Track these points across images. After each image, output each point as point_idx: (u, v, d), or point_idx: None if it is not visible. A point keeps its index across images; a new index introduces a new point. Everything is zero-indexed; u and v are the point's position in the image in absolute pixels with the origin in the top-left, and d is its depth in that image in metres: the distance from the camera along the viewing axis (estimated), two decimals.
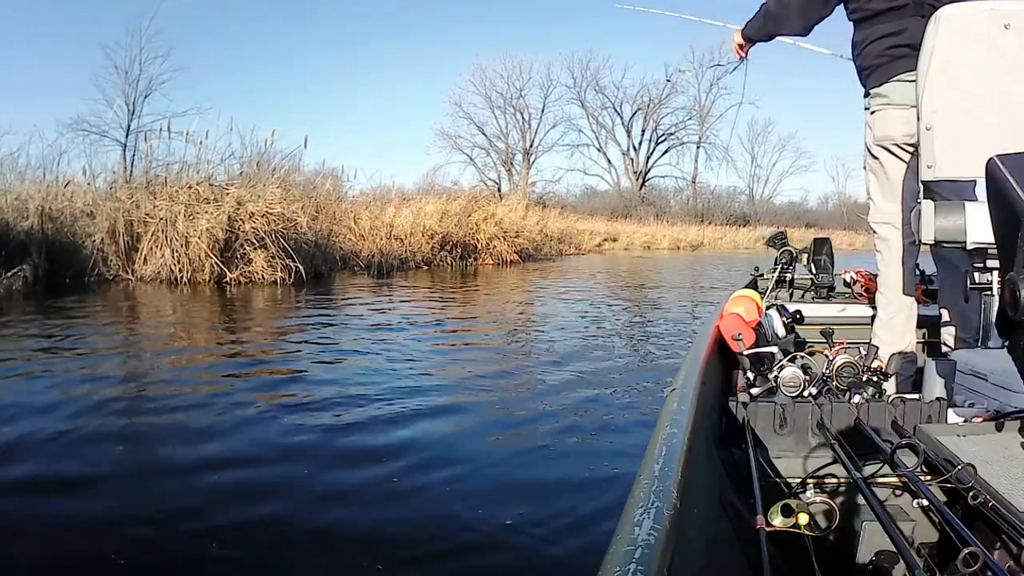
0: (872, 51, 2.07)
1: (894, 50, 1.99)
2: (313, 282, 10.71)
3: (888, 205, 2.15)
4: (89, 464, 2.71)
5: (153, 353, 5.21)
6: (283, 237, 10.46)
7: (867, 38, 2.08)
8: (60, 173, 11.08)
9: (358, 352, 5.12)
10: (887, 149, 2.09)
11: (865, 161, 2.23)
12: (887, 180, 2.13)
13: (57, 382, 4.00)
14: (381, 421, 3.30)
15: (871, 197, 2.22)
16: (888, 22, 2.01)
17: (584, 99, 43.14)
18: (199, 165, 11.23)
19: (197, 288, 9.65)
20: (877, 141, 2.11)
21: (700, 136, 43.41)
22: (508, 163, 42.84)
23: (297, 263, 10.40)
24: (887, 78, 2.02)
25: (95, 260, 9.94)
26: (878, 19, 2.04)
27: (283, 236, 10.48)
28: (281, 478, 2.59)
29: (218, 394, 3.81)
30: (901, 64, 1.96)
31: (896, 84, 2.00)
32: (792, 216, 43.63)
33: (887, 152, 2.10)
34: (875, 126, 2.10)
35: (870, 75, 2.10)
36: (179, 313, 7.59)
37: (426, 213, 15.46)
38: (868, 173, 2.22)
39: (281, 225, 10.58)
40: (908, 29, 1.93)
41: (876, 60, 2.06)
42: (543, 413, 3.50)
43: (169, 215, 10.12)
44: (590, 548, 1.96)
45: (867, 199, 2.27)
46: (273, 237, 10.34)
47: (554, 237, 22.13)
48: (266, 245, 10.32)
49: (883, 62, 2.03)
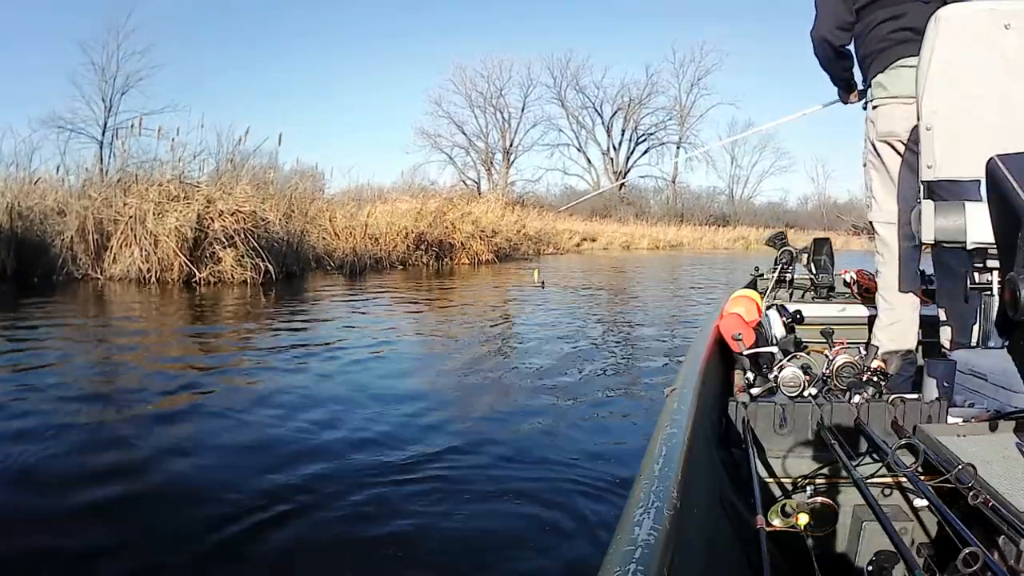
0: (874, 36, 2.06)
1: (896, 34, 2.00)
2: (284, 282, 10.62)
3: (890, 203, 2.15)
4: (49, 468, 2.65)
5: (103, 358, 5.06)
6: (253, 236, 10.35)
7: (869, 25, 2.08)
8: (32, 170, 11.00)
9: (317, 355, 5.04)
10: (890, 145, 2.09)
11: (866, 158, 2.23)
12: (889, 177, 2.13)
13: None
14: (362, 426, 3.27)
15: (872, 195, 2.22)
16: (888, 7, 2.01)
17: (564, 99, 43.39)
18: (172, 163, 11.10)
19: (166, 288, 9.52)
20: (880, 137, 2.10)
21: (680, 136, 43.86)
22: (488, 162, 42.90)
23: (267, 262, 10.29)
24: (889, 62, 2.02)
25: (64, 259, 9.82)
26: (878, 4, 2.04)
27: (253, 235, 10.36)
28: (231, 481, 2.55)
29: (147, 399, 3.73)
30: (903, 48, 1.96)
31: (898, 71, 2.00)
32: (772, 216, 44.11)
33: (890, 148, 2.10)
34: (878, 121, 2.09)
35: (872, 62, 2.10)
36: (138, 314, 7.46)
37: (401, 212, 15.43)
38: (869, 170, 2.21)
39: (251, 223, 10.45)
40: (908, 13, 1.94)
41: (879, 45, 2.05)
42: (539, 414, 3.51)
43: (139, 213, 9.98)
44: (590, 548, 1.97)
45: (868, 197, 2.26)
46: (243, 236, 10.23)
47: (532, 237, 22.17)
48: (235, 244, 10.20)
49: (886, 46, 2.03)
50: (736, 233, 37.26)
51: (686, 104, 43.51)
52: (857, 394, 1.59)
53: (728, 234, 36.96)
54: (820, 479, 1.46)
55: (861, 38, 2.14)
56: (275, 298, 8.81)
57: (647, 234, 32.73)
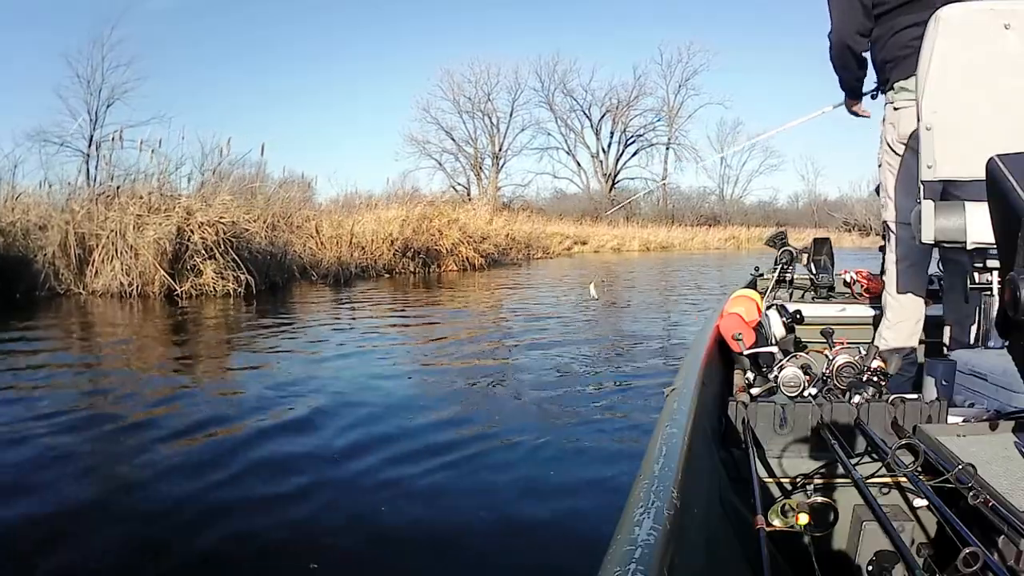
0: (896, 42, 2.08)
1: (918, 42, 1.98)
2: (267, 293, 10.52)
3: (907, 203, 2.12)
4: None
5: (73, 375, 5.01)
6: (234, 247, 10.26)
7: (890, 30, 2.10)
8: (15, 185, 10.89)
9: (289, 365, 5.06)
10: (910, 147, 2.09)
11: (881, 158, 2.23)
12: (909, 178, 2.11)
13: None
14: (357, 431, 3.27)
15: (888, 195, 2.22)
16: (911, 13, 2.02)
17: (552, 102, 43.70)
18: (154, 175, 11.03)
19: (147, 302, 9.43)
20: (901, 139, 2.11)
21: (669, 137, 44.15)
22: (477, 168, 43.03)
23: (249, 274, 10.18)
24: (913, 70, 1.97)
25: (46, 274, 9.73)
26: (901, 10, 2.05)
27: (234, 246, 10.27)
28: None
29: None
30: None
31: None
32: (762, 215, 44.45)
33: (910, 150, 2.10)
34: (900, 123, 2.10)
35: (894, 67, 2.11)
36: (111, 330, 7.33)
37: (387, 220, 15.41)
38: (885, 171, 2.22)
39: (231, 234, 10.36)
40: None
41: (900, 51, 2.07)
42: (538, 415, 3.53)
43: (119, 227, 9.88)
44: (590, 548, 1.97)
45: (882, 197, 2.27)
46: (223, 247, 10.13)
47: (521, 241, 22.19)
48: (216, 256, 10.10)
49: (907, 53, 2.03)
50: (727, 233, 37.50)
51: (674, 105, 43.92)
52: (857, 394, 1.60)
53: (719, 234, 37.18)
54: (820, 479, 1.46)
55: (881, 42, 2.15)
56: (255, 311, 8.74)
57: (638, 236, 32.84)
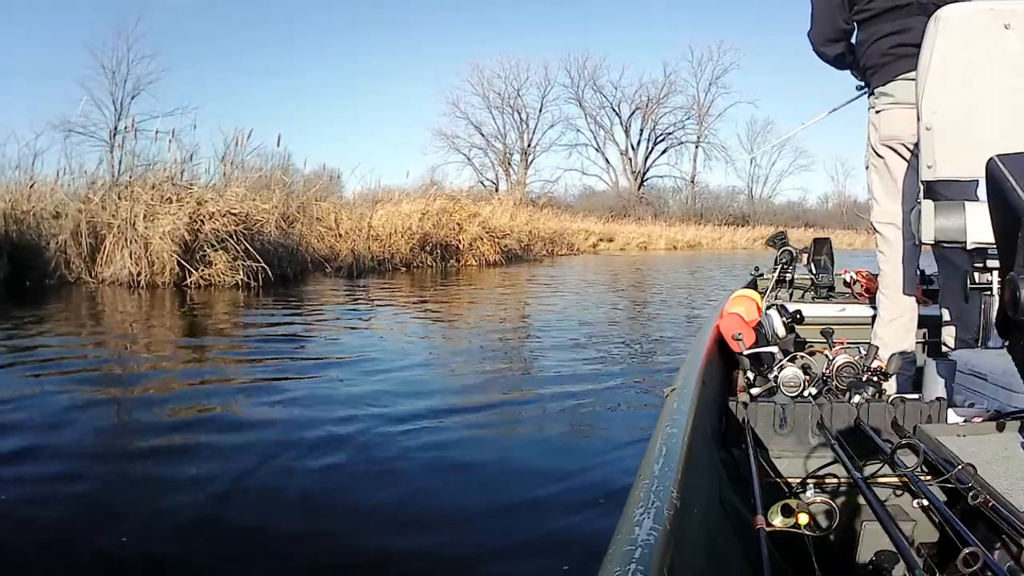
0: (876, 50, 2.13)
1: (898, 49, 2.06)
2: (278, 285, 10.59)
3: (892, 205, 2.22)
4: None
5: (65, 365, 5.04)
6: (246, 238, 10.39)
7: (871, 37, 2.15)
8: (34, 174, 11.12)
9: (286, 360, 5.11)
10: (892, 149, 2.16)
11: (868, 160, 2.30)
12: (891, 180, 2.20)
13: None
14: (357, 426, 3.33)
15: (874, 197, 2.29)
16: (891, 21, 2.08)
17: (582, 99, 43.98)
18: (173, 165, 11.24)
19: (156, 291, 9.58)
20: (883, 141, 2.17)
21: (699, 135, 44.02)
22: (506, 163, 43.36)
23: (261, 265, 10.30)
24: (892, 76, 2.09)
25: (58, 262, 9.95)
26: (881, 18, 2.10)
27: (246, 237, 10.40)
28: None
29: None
30: (905, 63, 2.02)
31: (901, 83, 2.06)
32: (792, 216, 44.04)
33: (892, 151, 2.17)
34: (880, 125, 2.17)
35: (875, 74, 2.17)
36: (118, 319, 7.41)
37: (406, 213, 15.46)
38: (871, 172, 2.29)
39: (243, 225, 10.49)
40: (912, 28, 1.98)
41: (880, 59, 2.12)
42: (538, 415, 3.56)
43: (130, 216, 10.08)
44: (590, 548, 2.01)
45: (869, 199, 2.33)
46: (235, 238, 10.27)
47: (545, 237, 22.22)
48: (227, 247, 10.24)
49: (887, 61, 2.10)
50: (756, 233, 37.19)
51: (704, 103, 43.80)
52: (857, 394, 1.62)
53: (748, 234, 36.98)
54: (820, 479, 1.48)
55: (863, 48, 2.21)
56: (263, 303, 8.81)
57: (664, 234, 32.82)
